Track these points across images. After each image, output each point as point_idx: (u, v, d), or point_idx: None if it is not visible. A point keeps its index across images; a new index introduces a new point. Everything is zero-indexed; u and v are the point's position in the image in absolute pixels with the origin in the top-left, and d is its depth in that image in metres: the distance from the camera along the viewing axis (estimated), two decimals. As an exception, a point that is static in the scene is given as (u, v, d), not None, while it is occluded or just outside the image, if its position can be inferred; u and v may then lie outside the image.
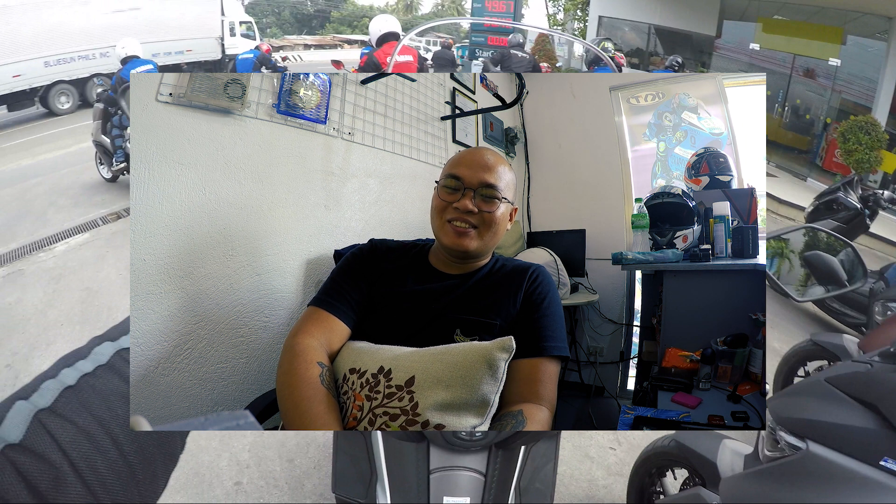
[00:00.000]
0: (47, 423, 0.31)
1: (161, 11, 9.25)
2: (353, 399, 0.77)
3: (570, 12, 13.56)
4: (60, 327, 2.55)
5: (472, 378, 0.74)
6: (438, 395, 0.73)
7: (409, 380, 0.75)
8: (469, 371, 0.75)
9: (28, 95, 8.09)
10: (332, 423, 0.74)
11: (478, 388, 0.74)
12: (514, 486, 0.85)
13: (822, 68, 6.88)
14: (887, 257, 4.24)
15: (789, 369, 2.12)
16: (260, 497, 1.62)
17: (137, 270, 0.99)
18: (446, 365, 0.76)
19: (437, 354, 0.78)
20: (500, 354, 0.76)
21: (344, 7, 28.12)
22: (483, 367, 0.75)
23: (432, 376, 0.75)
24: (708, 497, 1.06)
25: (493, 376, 0.75)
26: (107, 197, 4.44)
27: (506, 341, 0.77)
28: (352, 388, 0.79)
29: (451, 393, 0.73)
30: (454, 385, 0.74)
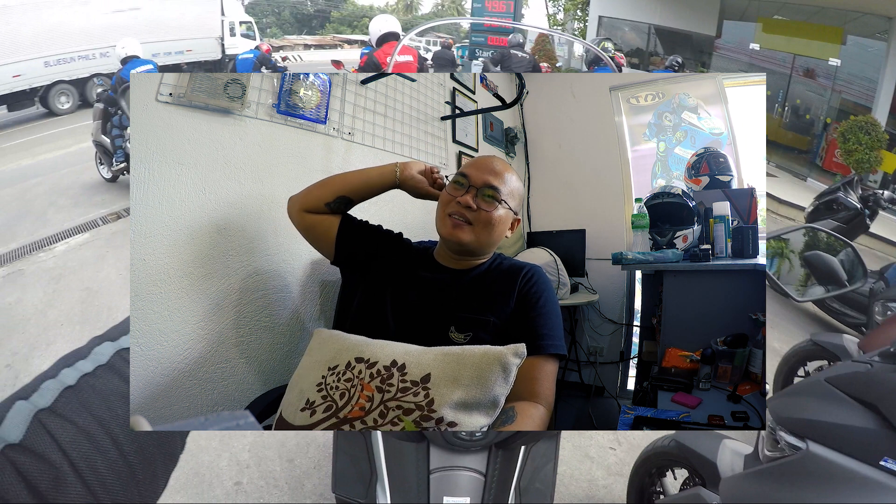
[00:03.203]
0: (47, 423, 0.31)
1: (161, 11, 9.24)
2: (361, 388, 0.78)
3: (570, 12, 13.56)
4: (60, 327, 2.55)
5: (487, 379, 0.77)
6: (455, 393, 0.76)
7: (426, 376, 0.77)
8: (484, 372, 0.77)
9: (28, 95, 8.08)
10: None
11: (491, 389, 0.77)
12: (514, 486, 0.85)
13: (822, 68, 6.88)
14: (887, 257, 4.24)
15: (789, 369, 2.12)
16: (260, 497, 1.62)
17: (137, 270, 0.99)
18: (463, 365, 0.79)
19: (453, 355, 0.81)
20: (513, 359, 0.79)
21: (344, 7, 28.12)
22: (497, 370, 0.78)
23: (449, 375, 0.77)
24: (708, 497, 1.06)
25: (505, 379, 0.78)
26: (107, 197, 4.44)
27: (518, 347, 0.80)
28: (358, 377, 0.79)
29: (467, 392, 0.76)
30: (470, 385, 0.76)
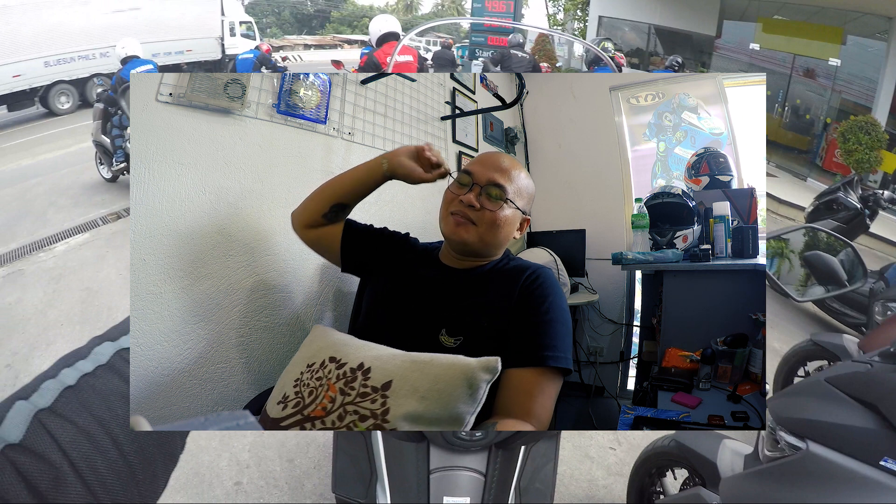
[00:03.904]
0: (47, 423, 0.31)
1: (161, 11, 9.24)
2: (327, 388, 0.76)
3: (570, 12, 13.55)
4: (60, 327, 2.55)
5: (449, 395, 0.70)
6: (411, 405, 0.70)
7: (387, 383, 0.72)
8: (447, 387, 0.70)
9: (28, 95, 8.08)
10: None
11: (453, 407, 0.70)
12: (514, 486, 0.84)
13: (822, 68, 6.87)
14: (887, 257, 4.24)
15: (789, 369, 2.12)
16: (260, 497, 1.62)
17: (137, 270, 0.99)
18: (426, 376, 0.72)
19: (419, 363, 0.74)
20: (482, 375, 0.71)
21: (344, 7, 28.11)
22: (462, 386, 0.70)
23: (410, 384, 0.71)
24: (708, 497, 1.06)
25: (471, 396, 0.71)
26: (107, 197, 4.44)
27: (491, 362, 0.72)
28: (327, 377, 0.77)
29: (425, 406, 0.70)
30: (429, 398, 0.70)
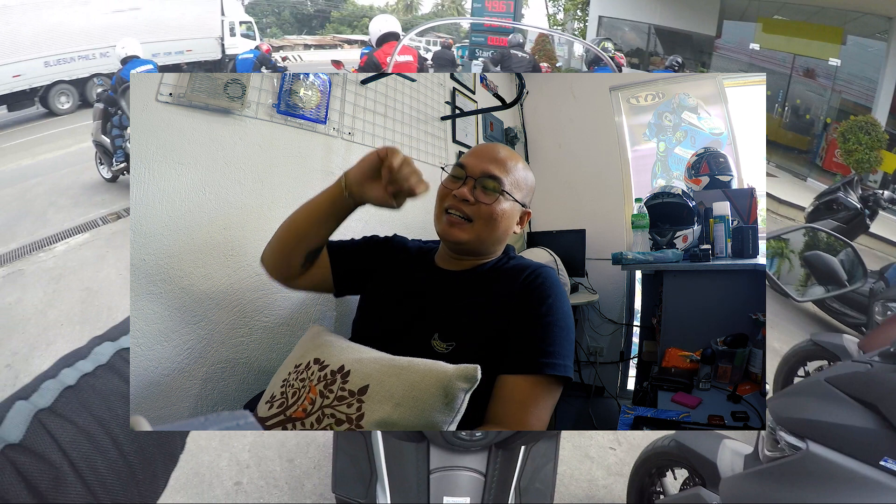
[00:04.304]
0: (47, 423, 0.31)
1: (161, 11, 9.24)
2: (308, 390, 0.76)
3: (570, 12, 13.55)
4: (60, 327, 2.55)
5: (424, 403, 0.67)
6: (385, 411, 0.68)
7: (364, 388, 0.71)
8: (422, 394, 0.68)
9: (28, 95, 8.08)
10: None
11: (428, 416, 0.67)
12: (514, 486, 0.84)
13: (822, 68, 6.87)
14: (887, 257, 4.24)
15: (789, 369, 2.12)
16: (260, 497, 1.62)
17: (137, 270, 0.99)
18: (401, 382, 0.69)
19: (397, 368, 0.72)
20: (459, 384, 0.67)
21: (344, 7, 28.11)
22: (438, 395, 0.67)
23: (386, 390, 0.69)
24: (708, 497, 1.06)
25: (447, 406, 0.67)
26: (107, 197, 4.44)
27: (469, 370, 0.68)
28: (310, 378, 0.77)
29: (399, 413, 0.67)
30: (404, 405, 0.67)
